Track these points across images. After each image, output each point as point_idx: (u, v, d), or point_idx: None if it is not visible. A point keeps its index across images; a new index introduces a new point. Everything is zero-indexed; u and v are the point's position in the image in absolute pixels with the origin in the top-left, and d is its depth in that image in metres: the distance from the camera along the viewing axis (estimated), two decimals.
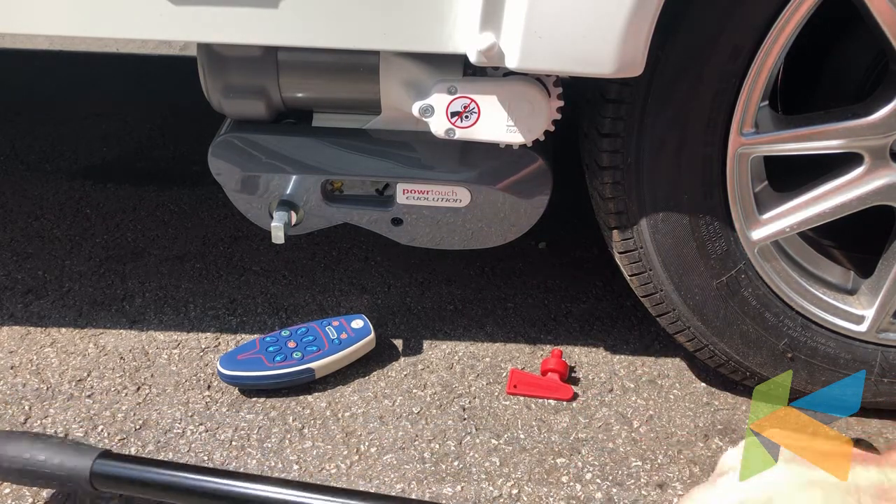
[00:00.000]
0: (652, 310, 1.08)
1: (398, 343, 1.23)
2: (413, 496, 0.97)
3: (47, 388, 1.12)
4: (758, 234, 1.01)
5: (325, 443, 1.05)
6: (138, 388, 1.12)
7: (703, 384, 1.17)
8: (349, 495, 0.88)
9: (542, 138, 0.98)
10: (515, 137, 0.97)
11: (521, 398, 1.13)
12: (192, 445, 1.03)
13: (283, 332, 1.16)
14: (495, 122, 0.95)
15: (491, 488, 0.99)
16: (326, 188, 1.09)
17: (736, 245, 1.01)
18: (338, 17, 0.85)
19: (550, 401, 1.13)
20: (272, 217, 1.07)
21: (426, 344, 1.23)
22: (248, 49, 0.98)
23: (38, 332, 1.23)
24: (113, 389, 1.12)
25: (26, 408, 1.08)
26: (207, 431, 1.06)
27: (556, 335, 1.26)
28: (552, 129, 0.97)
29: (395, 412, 1.10)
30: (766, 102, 0.96)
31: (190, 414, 1.08)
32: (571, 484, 1.00)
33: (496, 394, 1.14)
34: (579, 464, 1.03)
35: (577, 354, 1.22)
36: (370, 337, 1.16)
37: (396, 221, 1.10)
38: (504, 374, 1.17)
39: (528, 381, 1.14)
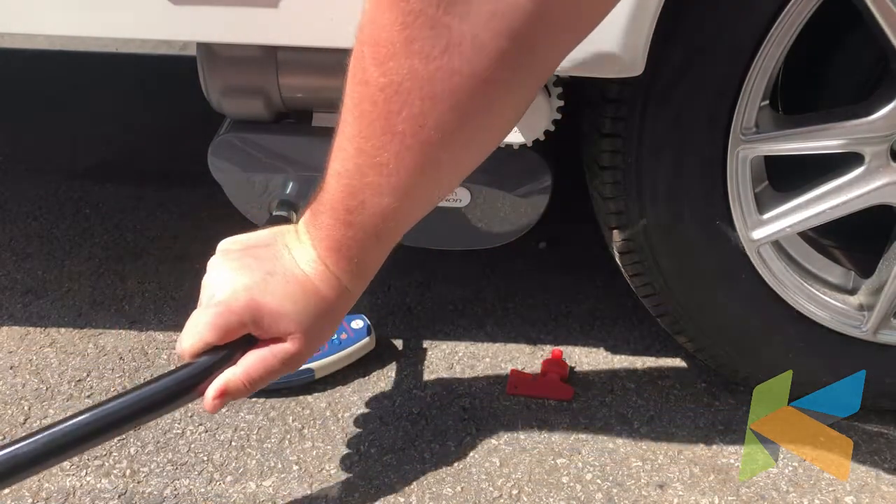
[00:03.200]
0: (652, 310, 1.08)
1: (398, 343, 1.23)
2: (413, 498, 0.97)
3: (46, 389, 1.12)
4: (758, 233, 1.01)
5: (325, 443, 1.05)
6: None
7: (704, 385, 1.17)
8: None
9: (542, 138, 0.98)
10: (515, 137, 0.96)
11: (522, 398, 1.13)
12: (192, 446, 1.03)
13: None
14: None
15: (491, 489, 0.99)
16: None
17: (736, 245, 1.01)
18: (338, 16, 0.85)
19: (551, 401, 1.12)
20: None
21: (426, 344, 1.23)
22: (248, 49, 0.98)
23: (38, 332, 1.23)
24: (112, 390, 1.12)
25: (25, 408, 1.08)
26: (207, 432, 1.06)
27: (557, 335, 1.26)
28: (552, 128, 0.97)
29: (395, 412, 1.10)
30: (767, 102, 0.96)
31: (189, 414, 1.08)
32: (572, 484, 1.00)
33: (496, 394, 1.14)
34: (580, 464, 1.03)
35: (578, 355, 1.22)
36: (370, 337, 1.16)
37: None
38: (504, 375, 1.17)
39: (528, 382, 1.14)
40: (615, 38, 0.80)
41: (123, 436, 1.04)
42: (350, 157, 0.58)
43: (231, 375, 0.70)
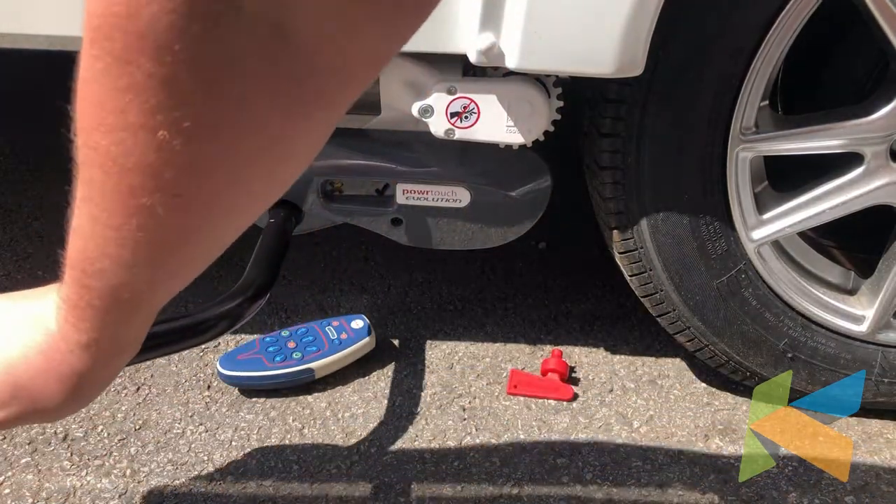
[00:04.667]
0: (652, 310, 1.08)
1: (398, 343, 1.23)
2: (413, 498, 0.97)
3: None
4: (758, 233, 1.01)
5: (325, 443, 1.05)
6: (138, 389, 1.12)
7: (704, 384, 1.17)
8: None
9: (541, 138, 0.98)
10: (515, 138, 0.97)
11: (522, 398, 1.13)
12: (192, 445, 1.03)
13: (282, 333, 1.16)
14: (495, 123, 0.95)
15: (491, 488, 0.99)
16: (326, 188, 1.09)
17: (736, 245, 1.01)
18: None
19: (551, 401, 1.13)
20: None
21: (426, 344, 1.23)
22: None
23: None
24: (112, 389, 1.12)
25: None
26: (207, 431, 1.06)
27: (557, 335, 1.26)
28: (552, 129, 0.97)
29: (395, 412, 1.10)
30: (766, 102, 0.96)
31: (190, 414, 1.08)
32: (571, 484, 1.00)
33: (496, 394, 1.14)
34: (580, 464, 1.03)
35: (578, 354, 1.22)
36: (370, 337, 1.16)
37: (396, 221, 1.10)
38: (504, 375, 1.17)
39: (528, 382, 1.14)
40: (615, 38, 0.80)
41: (124, 435, 1.04)
42: (85, 221, 0.46)
43: None
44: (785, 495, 1.00)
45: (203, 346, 1.20)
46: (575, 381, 1.16)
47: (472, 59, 0.85)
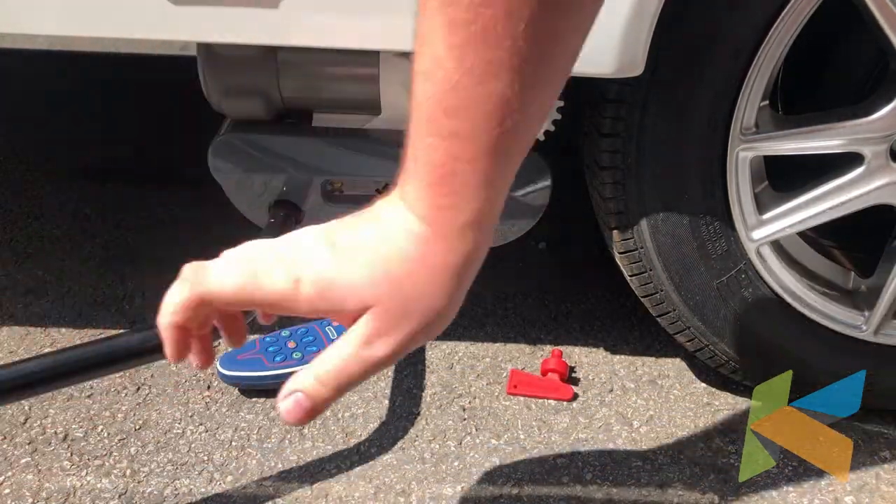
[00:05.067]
0: (652, 310, 1.08)
1: None
2: (413, 498, 0.97)
3: None
4: (758, 233, 1.01)
5: (325, 443, 1.05)
6: (138, 389, 1.12)
7: (704, 384, 1.17)
8: None
9: (541, 138, 0.98)
10: None
11: (522, 398, 1.13)
12: (192, 445, 1.03)
13: (282, 333, 1.16)
14: None
15: (491, 488, 0.99)
16: (327, 188, 1.09)
17: (736, 245, 1.01)
18: (338, 17, 0.85)
19: (551, 401, 1.13)
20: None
21: (426, 344, 1.23)
22: (248, 49, 0.98)
23: (38, 332, 1.23)
24: (113, 390, 1.12)
25: (26, 408, 1.08)
26: (207, 431, 1.06)
27: (557, 335, 1.26)
28: (552, 129, 0.97)
29: (395, 412, 1.10)
30: (766, 102, 0.96)
31: (190, 414, 1.08)
32: (571, 484, 1.00)
33: (496, 394, 1.14)
34: (580, 464, 1.03)
35: (578, 354, 1.22)
36: None
37: None
38: (504, 375, 1.17)
39: (528, 382, 1.14)
40: (615, 38, 0.80)
41: (124, 435, 1.04)
42: (439, 38, 0.40)
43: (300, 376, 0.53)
44: (785, 495, 1.00)
45: None
46: (575, 381, 1.16)
47: None
